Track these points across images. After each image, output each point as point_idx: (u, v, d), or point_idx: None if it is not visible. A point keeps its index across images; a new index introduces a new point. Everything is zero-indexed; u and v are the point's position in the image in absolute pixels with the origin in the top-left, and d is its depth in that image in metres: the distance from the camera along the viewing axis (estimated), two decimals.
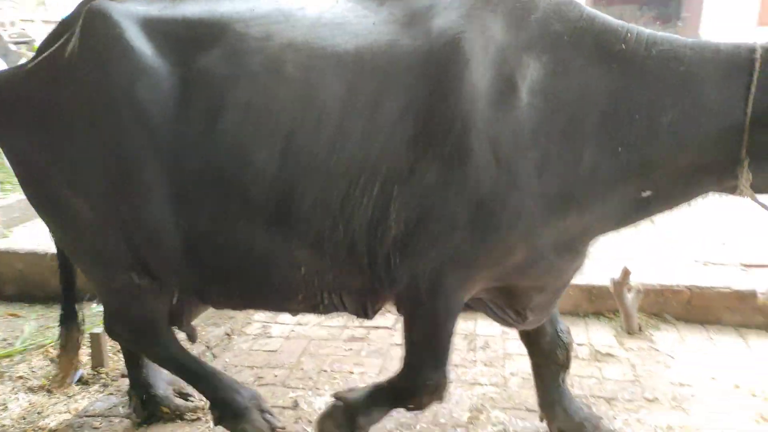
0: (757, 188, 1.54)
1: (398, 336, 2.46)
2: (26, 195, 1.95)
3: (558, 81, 1.57)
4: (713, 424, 2.21)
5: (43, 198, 1.89)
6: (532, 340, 2.09)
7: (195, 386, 2.17)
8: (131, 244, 1.79)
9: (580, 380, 2.51)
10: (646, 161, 1.57)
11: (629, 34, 1.59)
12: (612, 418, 2.27)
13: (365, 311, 1.88)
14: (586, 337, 2.88)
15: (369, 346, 2.86)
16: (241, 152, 1.64)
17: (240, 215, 1.70)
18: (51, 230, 2.01)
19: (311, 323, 3.06)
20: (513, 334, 2.54)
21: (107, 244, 1.81)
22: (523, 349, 2.19)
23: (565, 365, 2.07)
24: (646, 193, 1.62)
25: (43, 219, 1.96)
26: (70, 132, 1.72)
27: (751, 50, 1.51)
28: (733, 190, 1.59)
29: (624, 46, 1.57)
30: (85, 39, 1.66)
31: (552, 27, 1.60)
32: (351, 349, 2.84)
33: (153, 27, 1.68)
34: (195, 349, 2.73)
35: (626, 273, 2.80)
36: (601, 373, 2.58)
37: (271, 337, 3.00)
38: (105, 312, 2.09)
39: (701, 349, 2.76)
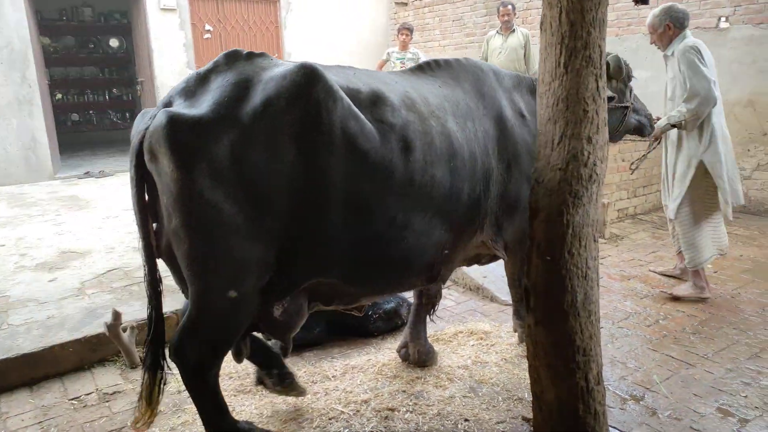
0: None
1: None
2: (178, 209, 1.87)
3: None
4: None
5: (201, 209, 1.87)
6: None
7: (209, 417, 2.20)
8: (287, 251, 2.02)
9: (92, 424, 2.68)
10: None
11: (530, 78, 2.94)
12: None
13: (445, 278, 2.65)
14: (93, 385, 3.04)
15: None
16: (428, 169, 2.24)
17: (416, 214, 2.24)
18: (179, 241, 1.92)
19: None
20: None
21: (254, 251, 1.95)
22: None
23: (437, 300, 3.11)
24: None
25: (180, 227, 1.89)
26: (272, 157, 1.91)
27: None
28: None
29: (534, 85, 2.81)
30: (300, 87, 1.95)
31: (516, 81, 2.83)
32: None
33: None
34: None
35: (117, 315, 3.11)
36: (110, 410, 2.80)
37: None
38: (183, 329, 2.03)
39: None
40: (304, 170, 1.95)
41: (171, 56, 9.06)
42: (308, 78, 1.96)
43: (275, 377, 2.62)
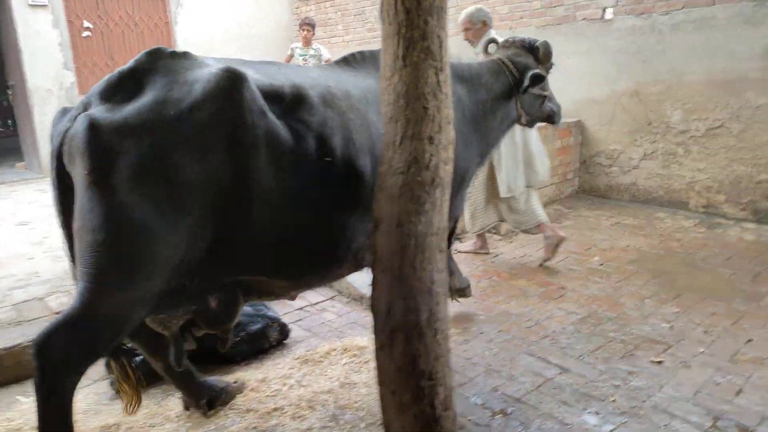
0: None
1: None
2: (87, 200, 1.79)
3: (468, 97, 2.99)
4: None
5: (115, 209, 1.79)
6: None
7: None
8: (212, 252, 1.98)
9: None
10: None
11: (465, 66, 3.12)
12: None
13: None
14: None
15: None
16: (349, 163, 2.25)
17: (340, 207, 2.27)
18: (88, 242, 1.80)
19: None
20: None
21: (169, 254, 1.88)
22: None
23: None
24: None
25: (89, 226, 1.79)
26: (196, 161, 1.87)
27: (498, 60, 3.26)
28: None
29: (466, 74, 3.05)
30: (225, 91, 1.91)
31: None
32: None
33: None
34: None
35: None
36: None
37: None
38: (57, 324, 1.84)
39: None
40: (228, 173, 1.93)
41: (45, 57, 8.23)
42: (232, 82, 1.93)
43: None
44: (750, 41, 5.36)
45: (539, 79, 3.15)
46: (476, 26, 4.81)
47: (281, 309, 3.74)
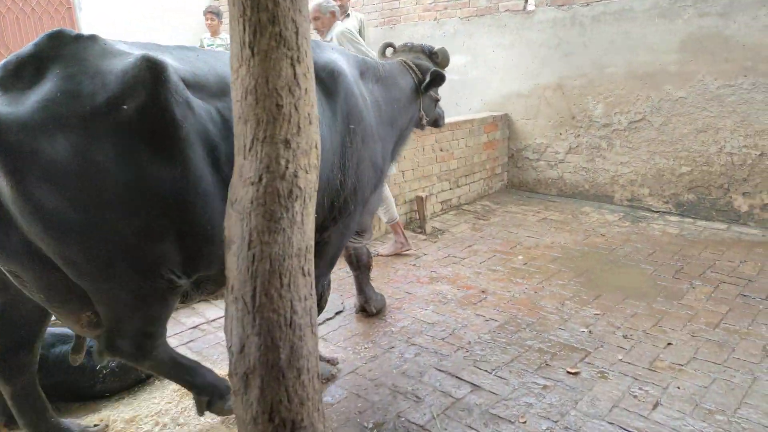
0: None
1: None
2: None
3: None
4: None
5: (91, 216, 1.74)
6: (353, 259, 3.50)
7: (186, 379, 2.20)
8: (186, 246, 1.92)
9: None
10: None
11: (380, 65, 3.03)
12: None
13: None
14: None
15: None
16: None
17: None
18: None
19: None
20: None
21: (161, 249, 1.88)
22: None
23: (371, 261, 3.58)
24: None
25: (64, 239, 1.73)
26: (120, 158, 1.75)
27: (402, 61, 3.23)
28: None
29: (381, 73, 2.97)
30: (145, 83, 1.76)
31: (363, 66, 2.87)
32: None
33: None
34: None
35: None
36: None
37: None
38: (109, 331, 1.96)
39: None
40: (160, 169, 1.81)
41: None
42: (152, 72, 1.77)
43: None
44: (667, 34, 5.32)
45: (442, 78, 3.17)
46: (325, 16, 4.81)
47: (171, 328, 3.34)
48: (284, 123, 1.67)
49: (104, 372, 2.63)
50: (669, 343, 3.16)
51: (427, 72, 3.15)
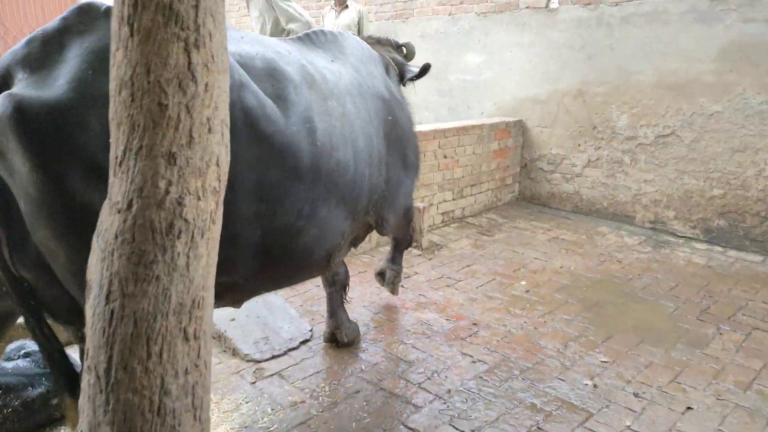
0: None
1: None
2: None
3: None
4: None
5: None
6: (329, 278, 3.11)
7: None
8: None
9: None
10: None
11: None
12: None
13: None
14: None
15: None
16: (333, 154, 2.07)
17: (322, 202, 2.06)
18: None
19: None
20: None
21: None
22: None
23: (347, 282, 3.20)
24: None
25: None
26: None
27: (382, 55, 2.94)
28: None
29: None
30: None
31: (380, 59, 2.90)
32: None
33: None
34: None
35: None
36: None
37: None
38: None
39: None
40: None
41: None
42: None
43: None
44: (704, 40, 4.74)
45: (426, 72, 3.05)
46: None
47: None
48: (168, 130, 1.21)
49: (6, 412, 2.21)
50: (689, 408, 2.64)
51: (402, 66, 3.07)
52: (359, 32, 6.75)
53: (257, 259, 1.93)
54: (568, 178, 5.81)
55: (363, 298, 3.79)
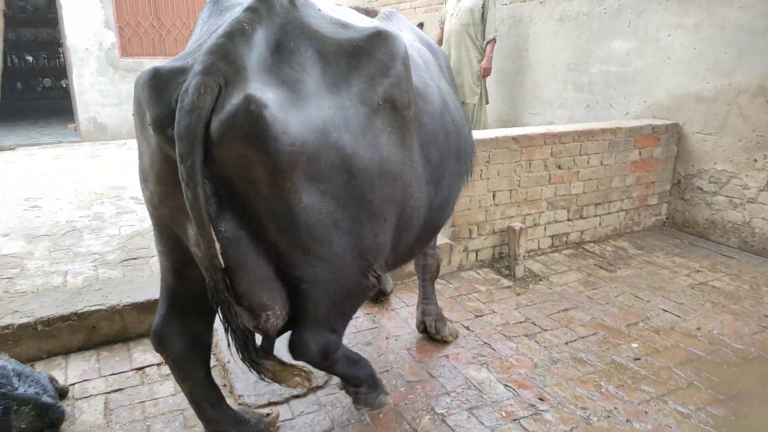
0: None
1: None
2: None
3: None
4: None
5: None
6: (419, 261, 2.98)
7: (353, 372, 2.11)
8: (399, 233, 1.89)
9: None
10: None
11: None
12: None
13: None
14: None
15: None
16: (459, 131, 2.22)
17: (455, 176, 2.22)
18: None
19: None
20: None
21: (387, 237, 1.83)
22: None
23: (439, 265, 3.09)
24: None
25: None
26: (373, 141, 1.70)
27: None
28: None
29: None
30: (395, 58, 1.78)
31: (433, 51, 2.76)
32: None
33: None
34: None
35: None
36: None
37: None
38: (309, 329, 1.81)
39: None
40: (404, 152, 1.80)
41: (84, 14, 7.83)
42: (396, 46, 1.74)
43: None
44: None
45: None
46: None
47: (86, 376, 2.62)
48: None
49: None
50: None
51: None
52: (483, 16, 5.93)
53: (423, 233, 2.09)
54: (737, 203, 4.40)
55: (410, 338, 3.08)
